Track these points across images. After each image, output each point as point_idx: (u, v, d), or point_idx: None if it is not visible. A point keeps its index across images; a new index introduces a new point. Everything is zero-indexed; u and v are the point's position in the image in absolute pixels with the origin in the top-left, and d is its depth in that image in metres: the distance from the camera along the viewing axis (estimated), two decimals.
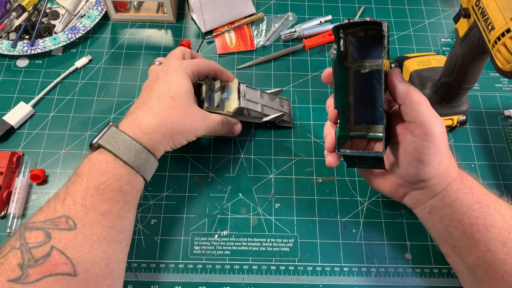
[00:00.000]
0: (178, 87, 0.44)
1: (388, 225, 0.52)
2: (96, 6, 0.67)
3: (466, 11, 0.42)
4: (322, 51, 0.66)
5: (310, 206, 0.53)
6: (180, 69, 0.45)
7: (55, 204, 0.38)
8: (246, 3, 0.67)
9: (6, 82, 0.61)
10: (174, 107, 0.43)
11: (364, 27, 0.39)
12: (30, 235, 0.36)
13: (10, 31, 0.65)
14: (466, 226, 0.40)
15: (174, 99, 0.43)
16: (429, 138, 0.38)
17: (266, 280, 0.49)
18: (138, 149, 0.41)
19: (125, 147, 0.40)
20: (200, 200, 0.53)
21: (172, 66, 0.45)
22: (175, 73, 0.45)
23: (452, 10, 0.71)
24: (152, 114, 0.42)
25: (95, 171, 0.39)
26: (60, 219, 0.37)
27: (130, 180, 0.41)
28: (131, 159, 0.40)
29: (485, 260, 0.39)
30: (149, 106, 0.43)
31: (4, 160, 0.52)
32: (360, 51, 0.41)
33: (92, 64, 0.63)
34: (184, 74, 0.45)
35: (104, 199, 0.38)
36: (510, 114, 0.60)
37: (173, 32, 0.67)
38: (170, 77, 0.45)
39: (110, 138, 0.40)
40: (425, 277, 0.49)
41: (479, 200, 0.40)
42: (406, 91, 0.38)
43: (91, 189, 0.38)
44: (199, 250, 0.50)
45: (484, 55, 0.43)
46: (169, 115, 0.42)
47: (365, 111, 0.43)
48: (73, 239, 0.36)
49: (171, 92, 0.43)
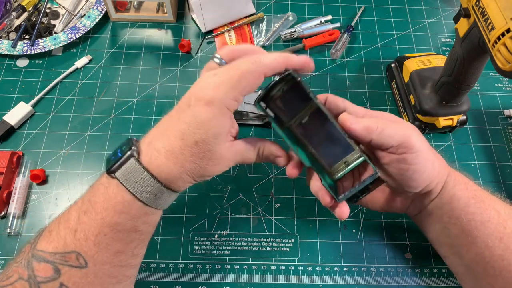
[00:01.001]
0: (206, 131, 0.35)
1: (388, 225, 0.52)
2: (96, 6, 0.67)
3: (466, 11, 0.42)
4: (322, 51, 0.66)
5: (310, 206, 0.53)
6: (216, 101, 0.34)
7: (65, 234, 0.35)
8: (246, 3, 0.67)
9: (6, 82, 0.61)
10: (198, 155, 0.35)
11: (279, 87, 0.38)
12: (39, 267, 0.34)
13: (10, 31, 0.65)
14: (464, 223, 0.40)
15: (198, 146, 0.35)
16: (413, 150, 0.37)
17: (266, 280, 0.49)
18: (159, 190, 0.36)
19: (145, 187, 0.35)
20: (200, 200, 0.53)
21: (206, 97, 0.34)
22: (207, 108, 0.34)
23: (452, 10, 0.71)
24: (173, 159, 0.35)
25: (111, 208, 0.35)
26: (71, 254, 0.34)
27: (148, 220, 0.37)
28: (151, 199, 0.36)
29: (483, 257, 0.39)
30: (171, 146, 0.35)
31: (4, 160, 0.52)
32: (290, 106, 0.40)
33: (92, 64, 0.63)
34: (221, 110, 0.35)
35: (118, 240, 0.35)
36: (510, 114, 0.60)
37: (173, 32, 0.67)
38: (201, 113, 0.35)
39: (128, 174, 0.35)
40: (425, 277, 0.49)
41: (475, 196, 0.41)
42: (365, 129, 0.37)
43: (105, 228, 0.35)
44: (199, 250, 0.50)
45: (484, 55, 0.43)
46: (190, 163, 0.36)
47: (331, 150, 0.42)
48: (83, 278, 0.34)
49: (197, 136, 0.35)
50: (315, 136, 0.41)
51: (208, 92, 0.34)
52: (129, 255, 0.37)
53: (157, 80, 0.62)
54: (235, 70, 0.35)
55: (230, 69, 0.35)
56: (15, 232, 0.50)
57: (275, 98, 0.39)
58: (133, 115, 0.59)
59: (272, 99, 0.39)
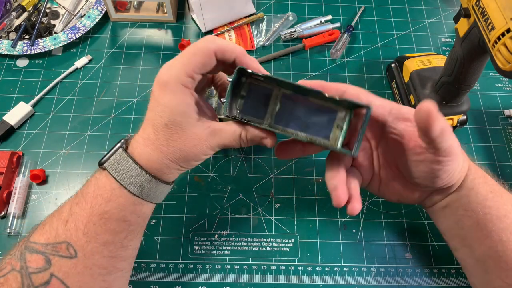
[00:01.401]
0: (170, 112, 0.36)
1: (388, 225, 0.52)
2: (96, 6, 0.67)
3: (466, 11, 0.42)
4: (322, 51, 0.66)
5: (310, 206, 0.53)
6: (170, 81, 0.36)
7: (57, 225, 0.36)
8: (246, 3, 0.67)
9: (6, 82, 0.61)
10: (171, 136, 0.36)
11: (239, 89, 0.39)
12: (31, 258, 0.35)
13: (10, 31, 0.65)
14: (479, 216, 0.40)
15: (169, 127, 0.36)
16: (449, 157, 0.36)
17: (266, 280, 0.49)
18: (145, 179, 0.36)
19: (130, 175, 0.36)
20: (200, 200, 0.53)
21: (160, 80, 0.36)
22: (165, 90, 0.36)
23: (452, 10, 0.71)
24: (150, 145, 0.37)
25: (99, 197, 0.36)
26: (61, 245, 0.35)
27: (135, 210, 0.38)
28: (137, 188, 0.37)
29: (496, 251, 0.39)
30: (147, 134, 0.37)
31: (4, 160, 0.52)
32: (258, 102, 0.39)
33: (92, 64, 0.63)
34: (176, 88, 0.36)
35: (107, 229, 0.36)
36: (510, 114, 0.60)
37: (173, 32, 0.67)
38: (160, 96, 0.36)
39: (116, 163, 0.36)
40: (425, 277, 0.49)
41: (493, 190, 0.40)
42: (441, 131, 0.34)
43: (94, 217, 0.36)
44: (199, 250, 0.50)
45: (484, 55, 0.43)
46: (167, 146, 0.37)
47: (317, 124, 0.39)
48: (73, 268, 0.35)
49: (164, 118, 0.36)
50: (296, 119, 0.39)
51: (163, 75, 0.36)
52: (118, 246, 0.37)
53: None
54: (187, 49, 0.37)
55: (184, 51, 0.37)
56: (15, 232, 0.50)
57: (241, 102, 0.39)
58: (133, 115, 0.59)
59: (239, 103, 0.39)
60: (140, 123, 0.39)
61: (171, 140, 0.36)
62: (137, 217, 0.38)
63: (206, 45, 0.36)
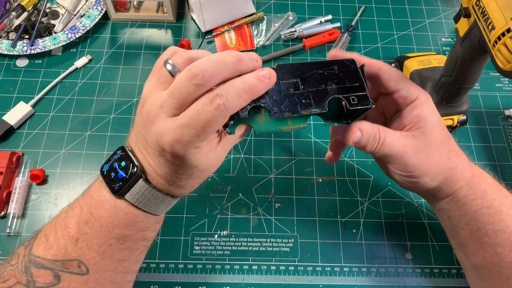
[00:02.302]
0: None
1: (388, 225, 0.52)
2: (96, 5, 0.67)
3: (466, 10, 0.42)
4: (322, 50, 0.66)
5: (310, 206, 0.53)
6: (182, 154, 0.31)
7: (65, 242, 0.34)
8: (246, 2, 0.67)
9: (6, 82, 0.61)
10: (190, 177, 0.34)
11: None
12: (38, 274, 0.33)
13: (10, 31, 0.65)
14: (473, 230, 0.39)
15: (186, 176, 0.34)
16: (408, 169, 0.36)
17: (266, 280, 0.49)
18: (171, 202, 0.36)
19: (157, 203, 0.35)
20: (200, 200, 0.53)
21: (170, 149, 0.31)
22: (177, 158, 0.31)
23: (453, 9, 0.71)
24: (171, 184, 0.34)
25: (121, 223, 0.34)
26: (72, 262, 0.34)
27: (156, 228, 0.38)
28: (163, 211, 0.36)
29: (490, 262, 0.39)
30: (163, 173, 0.33)
31: (4, 160, 0.52)
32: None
33: (92, 64, 0.63)
34: (188, 155, 0.31)
35: (124, 248, 0.35)
36: (510, 114, 0.60)
37: (173, 32, 0.67)
38: (172, 162, 0.32)
39: (141, 196, 0.33)
40: (425, 277, 0.49)
41: (491, 205, 0.38)
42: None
43: (111, 239, 0.34)
44: (199, 250, 0.50)
45: (485, 54, 0.43)
46: (187, 184, 0.34)
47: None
48: (84, 284, 0.34)
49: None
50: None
51: (172, 145, 0.30)
52: (132, 262, 0.37)
53: None
54: (198, 117, 0.29)
55: (192, 116, 0.30)
56: (15, 232, 0.50)
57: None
58: (133, 115, 0.59)
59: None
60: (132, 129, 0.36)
61: (190, 180, 0.34)
62: (155, 232, 0.38)
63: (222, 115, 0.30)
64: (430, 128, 0.36)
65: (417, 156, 0.36)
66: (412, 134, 0.36)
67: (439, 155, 0.37)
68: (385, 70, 0.37)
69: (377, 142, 0.36)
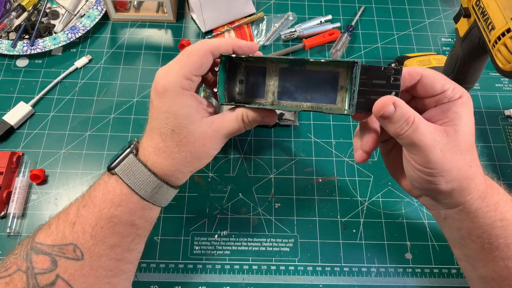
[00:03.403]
0: (175, 117, 0.36)
1: (388, 225, 0.52)
2: (96, 5, 0.67)
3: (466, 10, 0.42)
4: (322, 50, 0.66)
5: (310, 206, 0.53)
6: (169, 86, 0.36)
7: (64, 227, 0.36)
8: (246, 2, 0.67)
9: (6, 82, 0.61)
10: (180, 141, 0.37)
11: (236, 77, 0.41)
12: (37, 259, 0.35)
13: (10, 31, 0.65)
14: (485, 243, 0.37)
15: (176, 133, 0.37)
16: (428, 165, 0.35)
17: (266, 280, 0.49)
18: (156, 184, 0.37)
19: (142, 180, 0.36)
20: (200, 200, 0.53)
21: (159, 86, 0.36)
22: (165, 97, 0.36)
23: (453, 10, 0.71)
24: (162, 154, 0.37)
25: (108, 201, 0.36)
26: (68, 247, 0.35)
27: (144, 214, 0.38)
28: (148, 194, 0.37)
29: (500, 275, 0.37)
30: (155, 143, 0.37)
31: (4, 160, 0.52)
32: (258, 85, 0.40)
33: (92, 64, 0.63)
34: (177, 92, 0.36)
35: (115, 232, 0.36)
36: (510, 114, 0.60)
37: (173, 32, 0.67)
38: (162, 103, 0.36)
39: (127, 169, 0.36)
40: (425, 277, 0.49)
41: (504, 218, 0.37)
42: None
43: (102, 220, 0.36)
44: (199, 250, 0.50)
45: (484, 54, 0.43)
46: (179, 152, 0.37)
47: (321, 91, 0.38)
48: (79, 270, 0.35)
49: (170, 125, 0.36)
50: (300, 91, 0.39)
51: (160, 82, 0.36)
52: (125, 249, 0.37)
53: None
54: (182, 52, 0.37)
55: (179, 54, 0.37)
56: (15, 232, 0.50)
57: (242, 87, 0.40)
58: (133, 115, 0.59)
59: (239, 88, 0.40)
60: (144, 128, 0.39)
61: (181, 145, 0.37)
62: (145, 221, 0.39)
63: (201, 46, 0.37)
64: (464, 130, 0.35)
65: (444, 153, 0.34)
66: (445, 130, 0.35)
67: (463, 160, 0.35)
68: (427, 74, 0.36)
69: (409, 126, 0.34)
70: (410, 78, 0.36)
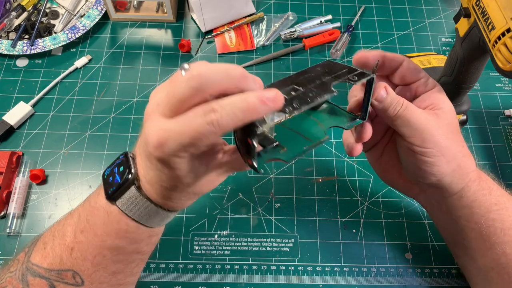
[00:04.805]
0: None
1: (388, 225, 0.52)
2: (95, 5, 0.67)
3: (466, 10, 0.42)
4: (322, 50, 0.66)
5: (310, 206, 0.53)
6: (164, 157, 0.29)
7: (61, 251, 0.34)
8: (246, 2, 0.67)
9: (6, 82, 0.61)
10: (182, 192, 0.33)
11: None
12: (34, 282, 0.33)
13: (10, 31, 0.65)
14: (483, 228, 0.38)
15: (178, 191, 0.33)
16: (426, 144, 0.35)
17: (266, 280, 0.49)
18: (165, 215, 0.34)
19: (149, 214, 0.33)
20: (200, 200, 0.53)
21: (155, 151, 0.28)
22: (160, 162, 0.29)
23: (453, 9, 0.71)
24: (148, 182, 0.32)
25: (113, 232, 0.33)
26: (67, 272, 0.33)
27: (151, 241, 0.36)
28: (155, 224, 0.35)
29: (499, 263, 0.38)
30: (156, 188, 0.32)
31: (4, 160, 0.52)
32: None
33: (91, 64, 0.63)
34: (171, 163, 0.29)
35: (118, 260, 0.35)
36: (510, 114, 0.60)
37: (173, 32, 0.67)
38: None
39: (131, 204, 0.32)
40: (425, 277, 0.49)
41: (498, 202, 0.39)
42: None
43: (105, 250, 0.34)
44: (199, 250, 0.50)
45: (485, 54, 0.43)
46: (181, 198, 0.34)
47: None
48: None
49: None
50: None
51: (155, 146, 0.28)
52: (127, 274, 0.36)
53: (157, 80, 0.62)
54: (188, 127, 0.27)
55: (183, 123, 0.27)
56: (15, 232, 0.50)
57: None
58: (133, 115, 0.59)
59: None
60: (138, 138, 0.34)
61: (184, 193, 0.33)
62: (151, 246, 0.37)
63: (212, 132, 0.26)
64: (449, 110, 0.37)
65: (438, 131, 0.36)
66: (434, 112, 0.37)
67: (455, 140, 0.37)
68: (407, 62, 0.39)
69: (401, 106, 0.36)
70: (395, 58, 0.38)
